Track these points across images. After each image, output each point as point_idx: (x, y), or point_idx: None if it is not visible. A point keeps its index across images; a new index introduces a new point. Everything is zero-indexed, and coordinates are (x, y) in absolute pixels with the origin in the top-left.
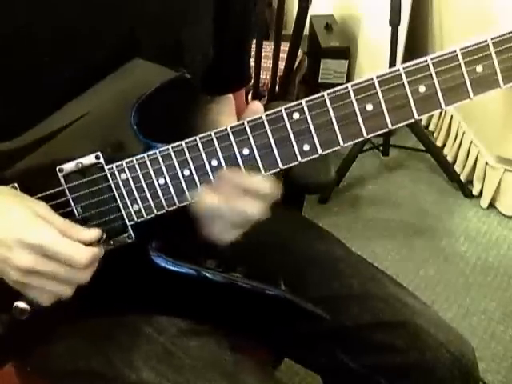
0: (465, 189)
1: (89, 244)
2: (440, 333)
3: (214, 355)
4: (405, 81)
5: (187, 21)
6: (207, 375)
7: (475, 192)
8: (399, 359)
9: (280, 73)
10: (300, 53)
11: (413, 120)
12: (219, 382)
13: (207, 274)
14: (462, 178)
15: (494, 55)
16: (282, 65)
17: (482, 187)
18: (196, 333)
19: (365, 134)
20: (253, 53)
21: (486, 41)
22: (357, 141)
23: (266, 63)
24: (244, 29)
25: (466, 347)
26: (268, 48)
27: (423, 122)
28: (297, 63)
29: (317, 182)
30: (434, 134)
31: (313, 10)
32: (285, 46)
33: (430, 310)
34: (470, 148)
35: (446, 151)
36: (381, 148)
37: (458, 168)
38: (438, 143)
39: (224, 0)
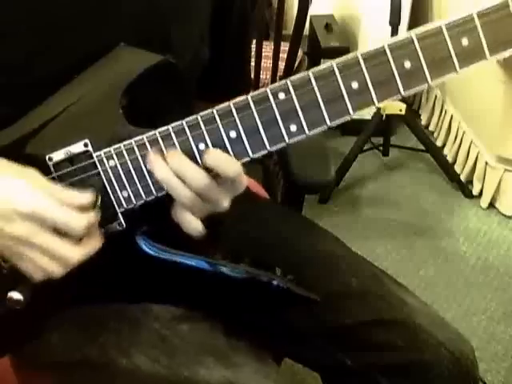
0: (465, 189)
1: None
2: (440, 332)
3: (208, 339)
4: (389, 56)
5: (176, 19)
6: (201, 359)
7: (475, 192)
8: (399, 358)
9: (280, 73)
10: (300, 53)
11: (399, 96)
12: (213, 365)
13: (199, 262)
14: (462, 178)
15: (479, 27)
16: (282, 65)
17: (482, 187)
18: (189, 318)
19: (351, 111)
20: (253, 53)
21: (471, 14)
22: (344, 119)
23: (266, 63)
24: (242, 35)
25: (466, 346)
26: (268, 48)
27: (423, 122)
28: (297, 63)
29: (317, 182)
30: (434, 134)
31: (313, 10)
32: (285, 46)
33: (429, 309)
34: (469, 148)
35: (445, 151)
36: (381, 148)
37: (458, 168)
38: (438, 143)
39: (223, 4)
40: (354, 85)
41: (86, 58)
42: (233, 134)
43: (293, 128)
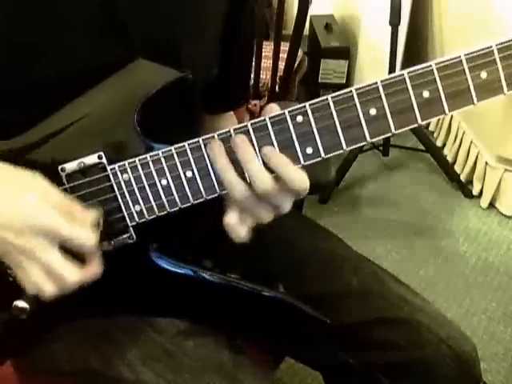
0: (465, 189)
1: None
2: (441, 329)
3: (213, 355)
4: (409, 85)
5: (187, 38)
6: (206, 376)
7: (475, 192)
8: (400, 356)
9: (280, 73)
10: (300, 53)
11: (416, 125)
12: (218, 383)
13: (207, 276)
14: (462, 178)
15: (498, 61)
16: (282, 65)
17: (482, 187)
18: (195, 333)
19: (368, 138)
20: None
21: (490, 46)
22: (360, 145)
23: (266, 63)
24: (248, 49)
25: (468, 344)
26: (268, 48)
27: None
28: (297, 63)
29: (317, 182)
30: (434, 134)
31: (313, 10)
32: (285, 46)
33: (430, 307)
34: (469, 148)
35: (446, 151)
36: (381, 148)
37: (458, 168)
38: (438, 143)
39: (233, 19)
40: (372, 111)
41: (87, 59)
42: None
43: (309, 151)
